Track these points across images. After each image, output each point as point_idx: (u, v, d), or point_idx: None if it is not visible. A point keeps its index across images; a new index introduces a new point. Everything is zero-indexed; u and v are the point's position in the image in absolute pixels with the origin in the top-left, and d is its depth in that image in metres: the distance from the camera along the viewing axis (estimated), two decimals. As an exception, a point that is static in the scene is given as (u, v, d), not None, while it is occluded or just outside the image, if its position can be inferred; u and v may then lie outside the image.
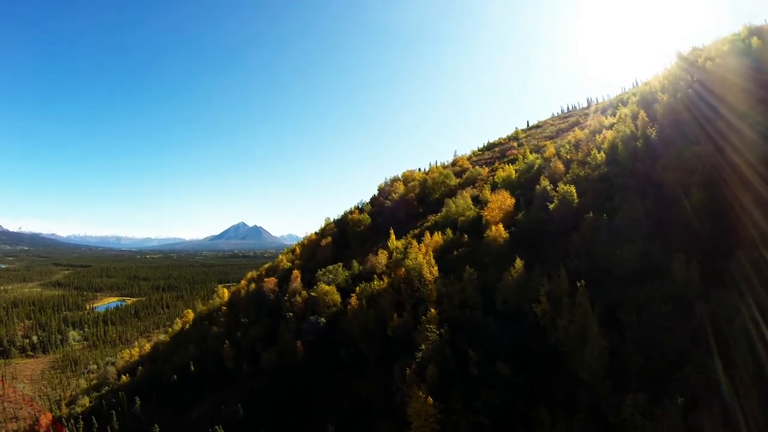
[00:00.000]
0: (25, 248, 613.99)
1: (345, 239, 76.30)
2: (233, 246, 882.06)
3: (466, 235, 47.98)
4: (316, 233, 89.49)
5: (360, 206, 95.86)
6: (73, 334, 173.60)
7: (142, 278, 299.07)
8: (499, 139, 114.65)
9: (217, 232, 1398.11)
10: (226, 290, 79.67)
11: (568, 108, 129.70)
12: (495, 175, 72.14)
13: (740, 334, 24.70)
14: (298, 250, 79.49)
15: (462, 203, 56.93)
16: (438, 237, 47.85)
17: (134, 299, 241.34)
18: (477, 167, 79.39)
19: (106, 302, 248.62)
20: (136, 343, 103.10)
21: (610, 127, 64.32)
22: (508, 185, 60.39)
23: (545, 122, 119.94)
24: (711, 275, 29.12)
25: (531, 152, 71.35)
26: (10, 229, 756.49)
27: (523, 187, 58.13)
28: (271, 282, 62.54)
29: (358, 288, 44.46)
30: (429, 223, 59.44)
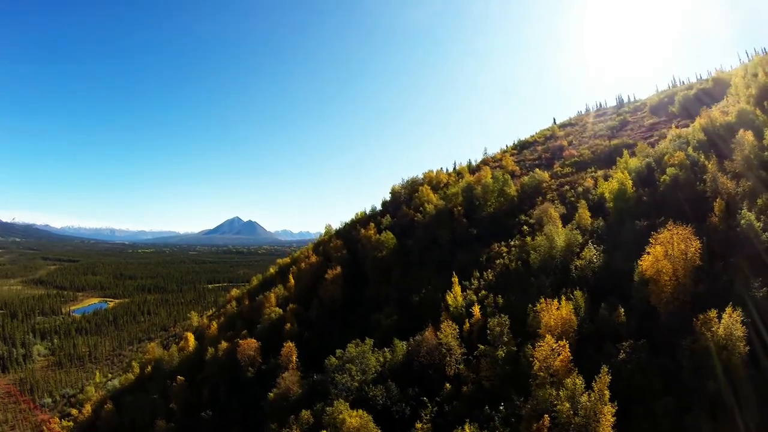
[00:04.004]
0: (17, 240, 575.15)
1: (358, 266, 51.22)
2: (228, 241, 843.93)
3: (621, 310, 23.53)
4: (315, 252, 64.21)
5: (371, 214, 70.49)
6: (39, 348, 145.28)
7: (128, 276, 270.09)
8: (532, 136, 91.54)
9: (212, 226, 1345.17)
10: (192, 336, 54.09)
11: (597, 105, 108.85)
12: (578, 185, 47.92)
13: None
14: (291, 280, 54.03)
15: (566, 234, 32.40)
16: (568, 312, 23.19)
17: (117, 301, 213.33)
18: (539, 171, 54.87)
19: (87, 304, 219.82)
20: (82, 394, 76.87)
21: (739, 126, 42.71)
22: (625, 204, 36.32)
23: (579, 120, 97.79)
24: None
25: (630, 155, 46.98)
26: (4, 220, 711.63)
27: (657, 209, 34.44)
28: (250, 346, 37.35)
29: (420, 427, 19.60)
30: (506, 261, 34.76)
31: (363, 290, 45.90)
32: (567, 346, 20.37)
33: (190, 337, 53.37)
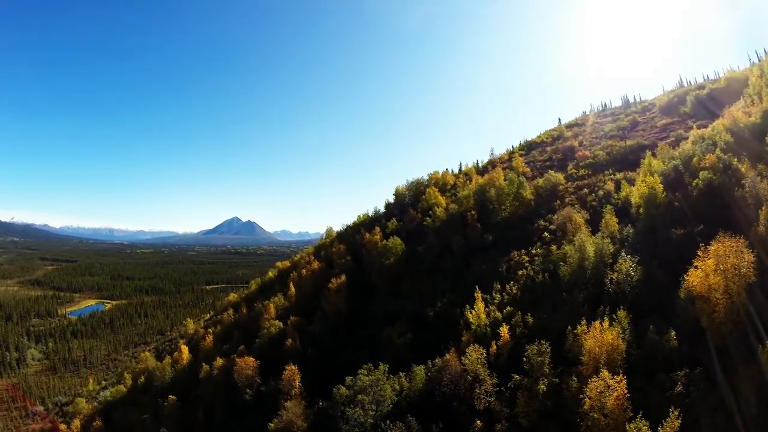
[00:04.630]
0: (16, 239, 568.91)
1: (363, 273, 47.78)
2: (226, 241, 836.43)
3: (672, 333, 20.37)
4: (317, 257, 60.80)
5: (375, 217, 66.88)
6: (33, 352, 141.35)
7: (126, 277, 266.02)
8: (539, 136, 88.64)
9: (211, 226, 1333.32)
10: (186, 348, 50.55)
11: (602, 106, 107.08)
12: (598, 188, 44.82)
13: None
14: (292, 288, 50.61)
15: (595, 243, 29.15)
16: (615, 336, 19.95)
17: (114, 302, 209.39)
18: (552, 172, 51.72)
19: (84, 305, 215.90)
20: (72, 406, 72.94)
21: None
22: (656, 210, 33.16)
23: (585, 120, 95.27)
24: None
25: (653, 156, 43.88)
26: (2, 219, 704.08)
27: (691, 216, 31.44)
28: (247, 365, 33.90)
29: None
30: (530, 272, 31.51)
31: (369, 300, 42.57)
32: (624, 382, 17.14)
33: (184, 349, 49.78)
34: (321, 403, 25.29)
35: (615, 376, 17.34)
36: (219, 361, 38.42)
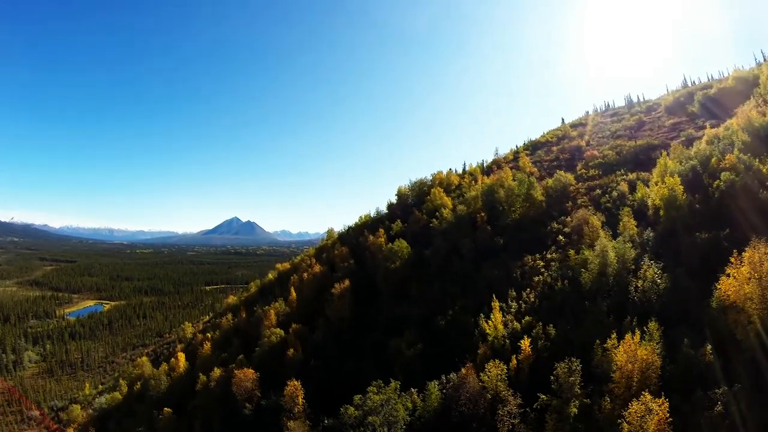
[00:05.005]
0: (15, 239, 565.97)
1: (367, 277, 45.91)
2: (226, 241, 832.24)
3: (708, 347, 18.62)
4: (318, 259, 58.95)
5: (378, 218, 64.89)
6: (30, 354, 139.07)
7: (125, 278, 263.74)
8: (543, 136, 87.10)
9: (211, 226, 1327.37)
10: (183, 355, 48.59)
11: (605, 106, 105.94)
12: (611, 189, 42.97)
13: None
14: (293, 292, 48.63)
15: (615, 247, 27.28)
16: (650, 351, 18.15)
17: (113, 303, 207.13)
18: (562, 173, 49.83)
19: (83, 306, 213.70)
20: (66, 413, 70.84)
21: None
22: (677, 212, 31.35)
23: (589, 119, 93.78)
24: None
25: (668, 156, 42.06)
26: (2, 219, 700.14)
27: (714, 219, 29.71)
28: (247, 377, 31.93)
29: None
30: (547, 278, 29.62)
31: (373, 304, 40.67)
32: (666, 405, 15.34)
33: (181, 356, 47.70)
34: (326, 422, 23.44)
35: (656, 399, 15.51)
36: (216, 372, 36.39)
